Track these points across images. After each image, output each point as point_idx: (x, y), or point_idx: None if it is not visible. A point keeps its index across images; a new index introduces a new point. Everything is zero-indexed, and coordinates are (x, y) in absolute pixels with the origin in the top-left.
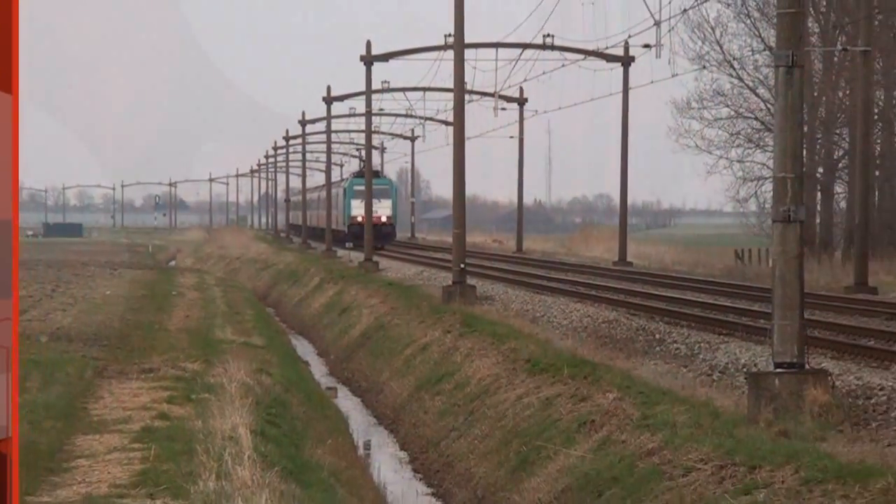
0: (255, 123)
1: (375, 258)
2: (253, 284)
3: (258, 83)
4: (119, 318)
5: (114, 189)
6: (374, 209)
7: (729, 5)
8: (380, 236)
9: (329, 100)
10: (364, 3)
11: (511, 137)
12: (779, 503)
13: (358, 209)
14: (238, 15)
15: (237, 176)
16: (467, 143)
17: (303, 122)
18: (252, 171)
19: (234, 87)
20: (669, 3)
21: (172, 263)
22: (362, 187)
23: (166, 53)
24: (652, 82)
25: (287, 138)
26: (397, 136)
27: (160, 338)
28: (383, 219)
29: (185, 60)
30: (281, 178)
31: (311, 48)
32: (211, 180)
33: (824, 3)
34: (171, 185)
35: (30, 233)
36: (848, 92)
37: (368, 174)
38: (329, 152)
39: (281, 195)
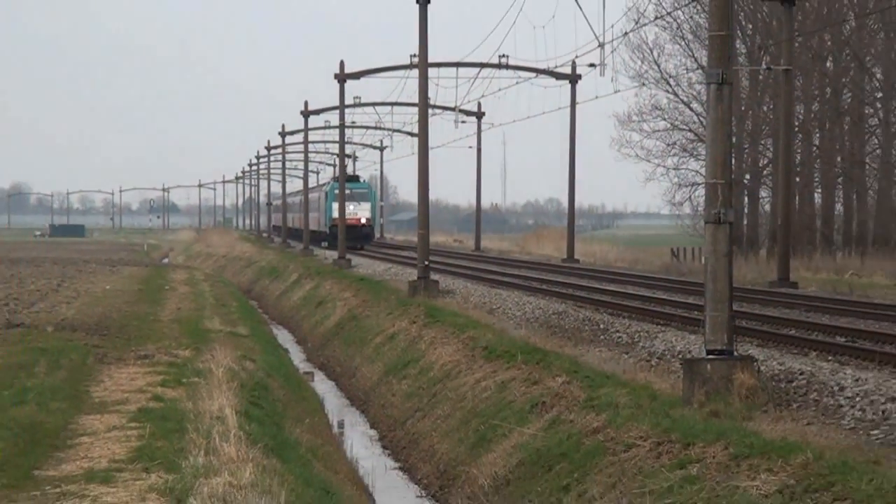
0: (240, 135)
1: (348, 256)
2: (238, 280)
3: (245, 97)
4: (117, 310)
5: (112, 194)
6: (354, 211)
7: (665, 28)
8: (360, 237)
9: (306, 113)
10: (339, 24)
11: (470, 147)
12: (710, 477)
13: (338, 211)
14: (227, 41)
15: (223, 182)
16: (431, 153)
17: (282, 134)
18: (237, 178)
19: (222, 100)
20: (612, 26)
21: (166, 261)
22: (345, 190)
23: (161, 65)
24: (597, 97)
25: (269, 148)
26: (368, 146)
27: (154, 328)
28: (362, 220)
29: (178, 74)
30: (263, 184)
31: (291, 66)
32: (200, 186)
33: (750, 27)
34: (164, 190)
35: (37, 233)
36: (771, 106)
37: (342, 181)
38: (306, 161)
39: (263, 199)
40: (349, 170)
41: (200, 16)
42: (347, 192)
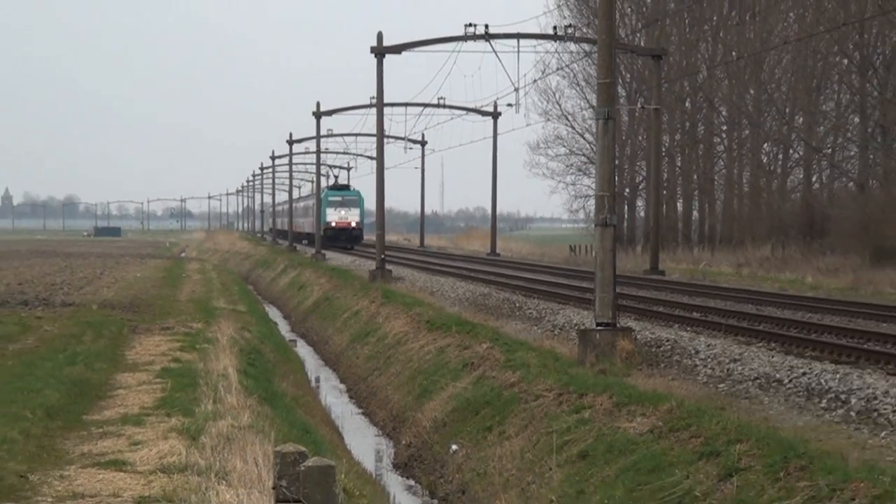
0: (242, 156)
1: (323, 251)
2: (238, 269)
3: (246, 127)
4: (146, 293)
5: (142, 203)
6: (345, 216)
7: (565, 77)
8: (351, 238)
9: (290, 142)
10: (315, 70)
11: (416, 168)
12: (598, 419)
13: (332, 216)
14: (228, 85)
15: (227, 194)
16: (386, 172)
17: (272, 157)
18: (238, 191)
19: (229, 129)
20: (524, 75)
21: (183, 255)
22: (337, 198)
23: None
24: (513, 129)
25: (262, 168)
26: (339, 167)
27: (174, 306)
28: (353, 224)
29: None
30: (258, 195)
31: (280, 105)
32: (209, 197)
33: (629, 76)
34: (181, 200)
35: (85, 234)
36: (644, 137)
37: (317, 194)
38: (291, 179)
39: (258, 208)
40: (342, 180)
41: (215, 63)
42: (339, 198)
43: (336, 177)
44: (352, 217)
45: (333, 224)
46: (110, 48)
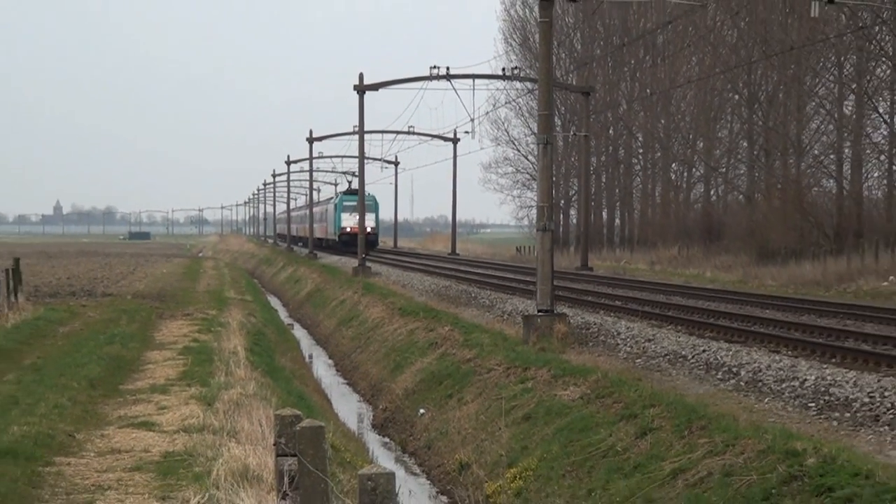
0: (247, 174)
1: (314, 251)
2: (245, 266)
3: (250, 149)
4: (170, 285)
5: (167, 212)
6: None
7: (512, 109)
8: (367, 243)
9: (288, 163)
10: (308, 101)
11: (390, 183)
12: (539, 388)
13: (347, 221)
14: (237, 112)
15: (237, 205)
16: (365, 187)
17: (274, 175)
18: (246, 202)
19: (235, 151)
20: (478, 108)
21: (200, 254)
22: (352, 202)
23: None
24: (469, 152)
25: (265, 184)
26: (328, 183)
27: (193, 296)
28: (368, 229)
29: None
30: (262, 206)
31: (281, 131)
32: (222, 208)
33: (563, 108)
34: (199, 210)
35: (121, 237)
36: (576, 158)
37: (311, 207)
38: (288, 192)
39: (261, 216)
40: (355, 185)
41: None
42: (354, 203)
43: (349, 182)
44: (368, 222)
45: (348, 229)
46: (141, 100)
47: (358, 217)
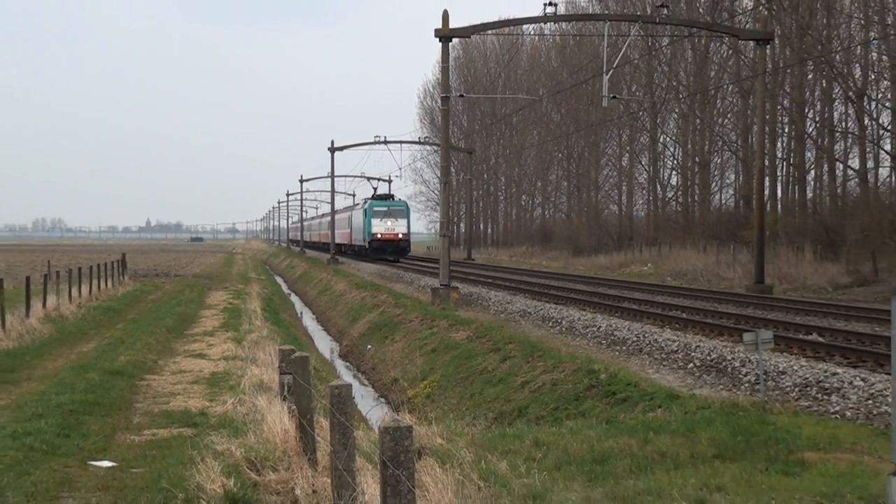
0: (257, 199)
1: (304, 249)
2: (261, 259)
3: (267, 169)
4: (215, 270)
5: (214, 224)
6: (392, 227)
7: (424, 162)
8: (397, 250)
9: (287, 195)
10: (297, 154)
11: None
12: (440, 332)
13: (378, 227)
14: (258, 138)
15: (256, 220)
16: (394, 197)
17: (288, 194)
18: (263, 218)
19: (255, 173)
20: (404, 161)
21: (234, 252)
22: (383, 208)
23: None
24: (398, 188)
25: (273, 209)
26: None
27: (229, 276)
28: (400, 235)
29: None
30: (274, 220)
31: (278, 168)
32: (247, 222)
33: (456, 161)
34: (233, 223)
35: (187, 240)
36: (465, 192)
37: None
38: (288, 217)
39: (272, 226)
40: (384, 190)
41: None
42: (385, 209)
43: (374, 188)
44: (399, 228)
45: (379, 236)
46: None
47: (391, 222)
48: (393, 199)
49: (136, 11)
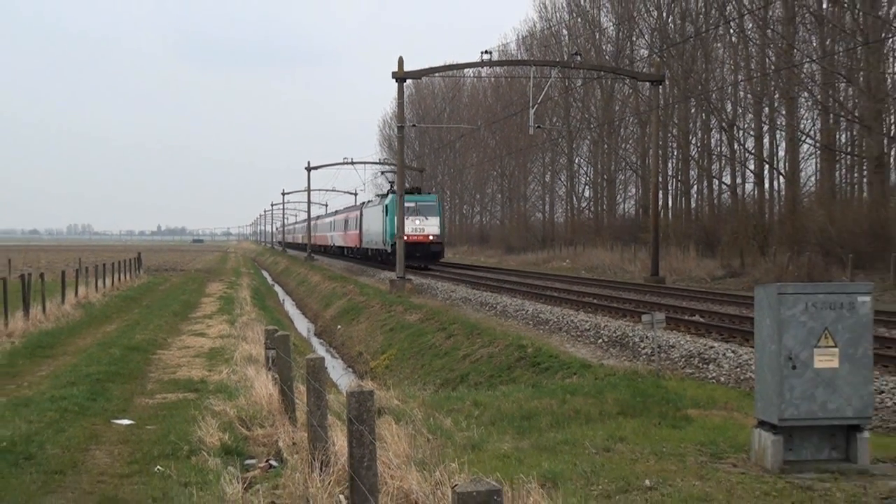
0: (248, 207)
1: (286, 248)
2: (252, 257)
3: (254, 182)
4: (212, 265)
5: (212, 228)
6: (420, 227)
7: (384, 179)
8: (428, 255)
9: (272, 205)
10: (279, 172)
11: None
12: (397, 315)
13: (406, 228)
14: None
15: (247, 225)
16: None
17: (273, 204)
18: (253, 223)
19: (247, 183)
20: (367, 178)
21: (229, 251)
22: (410, 203)
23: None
24: (361, 202)
25: (260, 215)
26: (292, 216)
27: (224, 270)
28: (431, 237)
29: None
30: (261, 225)
31: (267, 178)
32: (240, 227)
33: (410, 178)
34: (228, 228)
35: (190, 241)
36: None
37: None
38: (283, 214)
39: (259, 230)
40: (412, 182)
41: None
42: (412, 204)
43: (391, 183)
44: (429, 228)
45: (407, 238)
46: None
47: (419, 221)
48: (419, 192)
49: (156, 53)
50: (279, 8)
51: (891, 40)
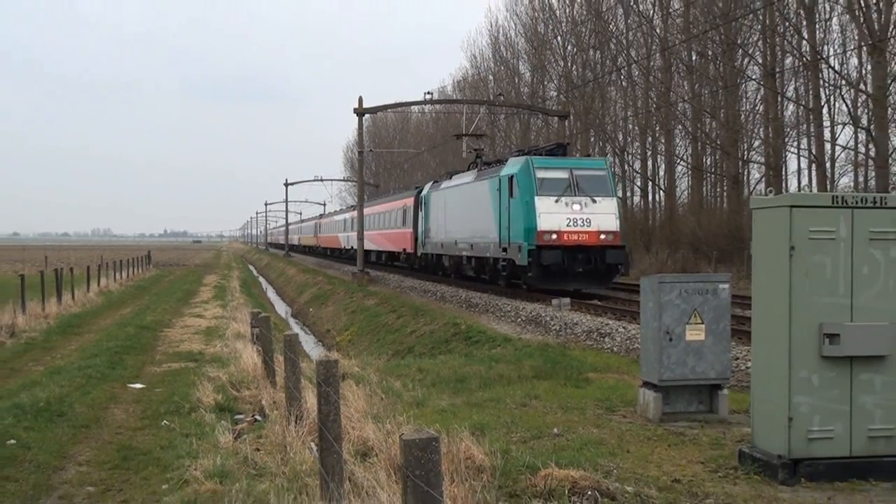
0: (239, 212)
1: (268, 246)
2: (241, 255)
3: (243, 194)
4: (209, 261)
5: (208, 231)
6: (587, 218)
7: (348, 192)
8: (599, 270)
9: (257, 214)
10: (263, 185)
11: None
12: (357, 301)
13: (548, 221)
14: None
15: (239, 228)
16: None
17: (258, 213)
18: (242, 227)
19: (232, 192)
20: (334, 192)
21: (222, 249)
22: (560, 173)
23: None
24: (329, 212)
25: (248, 220)
26: (274, 224)
27: (218, 266)
28: (602, 235)
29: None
30: (249, 228)
31: (253, 189)
32: (231, 230)
33: (367, 192)
34: (221, 231)
35: (191, 242)
36: None
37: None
38: (266, 220)
39: (247, 233)
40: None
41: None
42: (562, 174)
43: (477, 151)
44: (599, 219)
45: (554, 237)
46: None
47: (579, 207)
48: (565, 152)
49: (174, 90)
50: (273, 56)
51: (743, 85)
